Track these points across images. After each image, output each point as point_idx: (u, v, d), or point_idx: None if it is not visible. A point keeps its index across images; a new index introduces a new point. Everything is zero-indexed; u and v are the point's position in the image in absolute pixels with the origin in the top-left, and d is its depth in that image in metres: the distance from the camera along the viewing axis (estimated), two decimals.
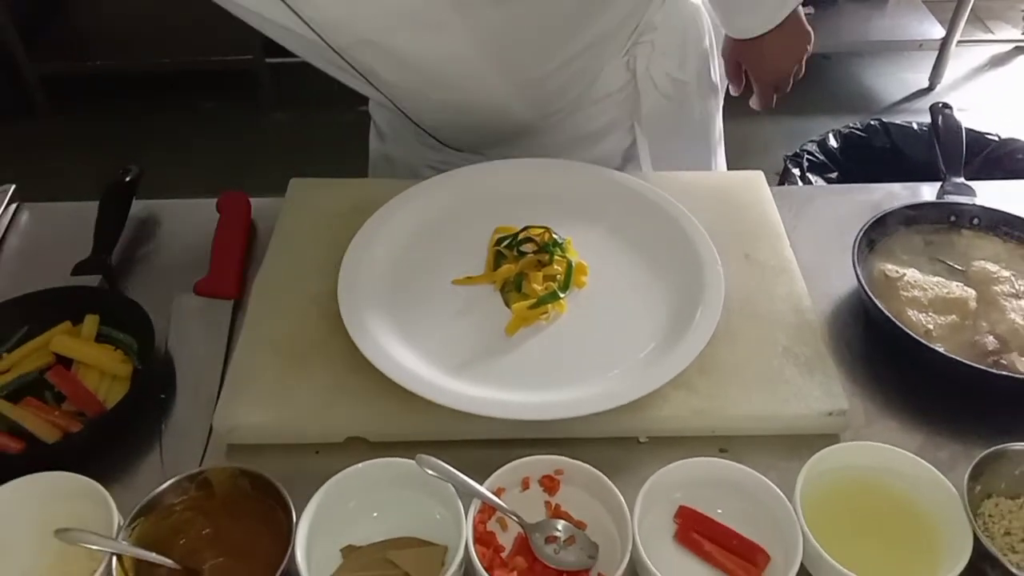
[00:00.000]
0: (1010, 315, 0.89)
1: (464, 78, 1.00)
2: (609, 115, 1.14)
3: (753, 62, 1.11)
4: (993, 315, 0.90)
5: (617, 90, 1.12)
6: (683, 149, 1.21)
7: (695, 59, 1.14)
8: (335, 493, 0.72)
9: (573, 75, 1.06)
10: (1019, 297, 0.91)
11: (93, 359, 0.86)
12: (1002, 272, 0.93)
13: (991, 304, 0.91)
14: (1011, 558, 0.72)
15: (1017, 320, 0.88)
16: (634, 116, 1.15)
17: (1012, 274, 0.93)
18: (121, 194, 1.05)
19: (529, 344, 0.87)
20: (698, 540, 0.72)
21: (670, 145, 1.18)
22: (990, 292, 0.92)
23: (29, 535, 0.72)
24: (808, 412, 0.81)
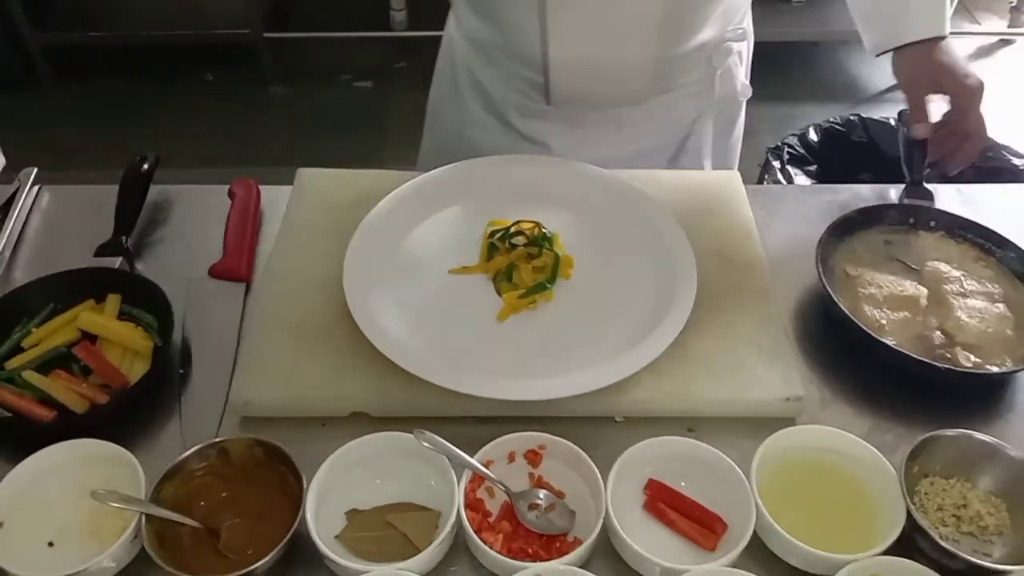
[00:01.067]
0: (957, 312, 0.97)
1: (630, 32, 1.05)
2: (682, 104, 1.21)
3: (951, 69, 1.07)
4: (942, 312, 0.98)
5: (693, 81, 1.18)
6: (718, 146, 1.29)
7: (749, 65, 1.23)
8: (341, 462, 0.81)
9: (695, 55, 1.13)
10: (967, 296, 0.99)
11: (117, 336, 0.93)
12: (953, 272, 1.01)
13: (941, 302, 0.99)
14: (941, 531, 0.81)
15: (963, 317, 0.96)
16: (702, 109, 1.22)
17: (962, 275, 1.01)
18: (139, 180, 1.11)
19: (518, 330, 0.95)
20: (664, 509, 0.81)
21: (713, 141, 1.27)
22: (941, 291, 1.00)
23: (66, 495, 0.80)
24: (767, 397, 0.89)
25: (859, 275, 0.99)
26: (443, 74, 1.31)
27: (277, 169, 1.17)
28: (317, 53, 3.39)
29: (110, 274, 1.00)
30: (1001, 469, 0.83)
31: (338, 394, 0.89)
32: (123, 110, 3.07)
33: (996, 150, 1.86)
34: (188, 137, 2.96)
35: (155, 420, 0.90)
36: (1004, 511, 0.83)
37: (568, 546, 0.78)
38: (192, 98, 3.17)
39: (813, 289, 1.04)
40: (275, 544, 0.74)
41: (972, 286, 1.01)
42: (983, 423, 0.90)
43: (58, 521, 0.80)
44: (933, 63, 1.07)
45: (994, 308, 0.98)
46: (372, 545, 0.78)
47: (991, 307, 0.98)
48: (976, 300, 0.99)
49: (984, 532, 0.82)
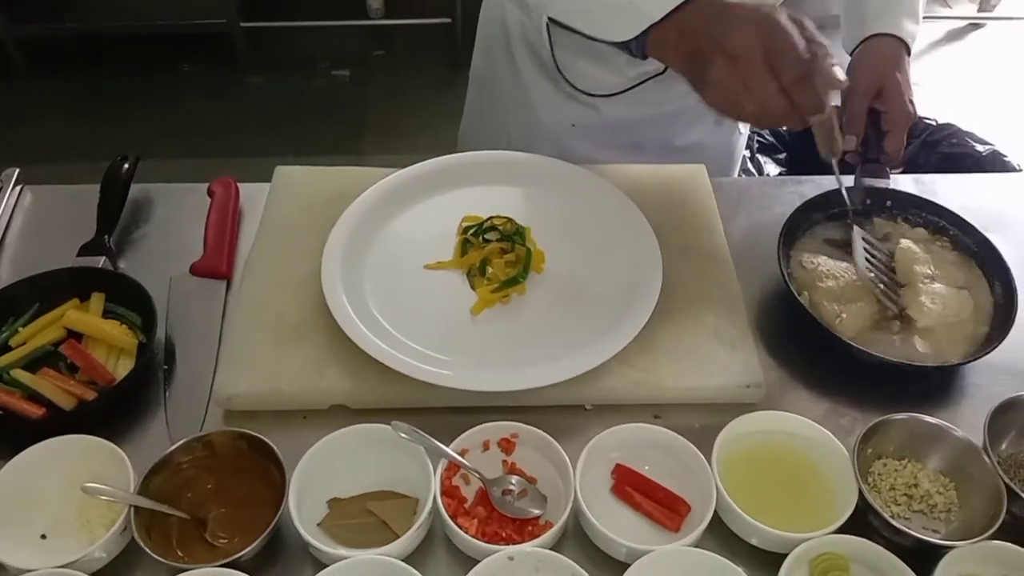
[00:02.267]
0: (921, 297, 0.99)
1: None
2: None
3: (898, 89, 1.09)
4: (907, 293, 1.01)
5: None
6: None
7: None
8: (322, 453, 0.84)
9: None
10: (933, 280, 1.02)
11: (102, 333, 0.96)
12: (922, 254, 1.03)
13: (910, 284, 1.01)
14: (892, 510, 0.86)
15: (926, 303, 0.98)
16: None
17: (929, 256, 1.04)
18: (120, 179, 1.13)
19: (492, 323, 0.98)
20: (630, 493, 0.85)
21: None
22: (912, 271, 1.01)
23: (57, 489, 0.83)
24: (729, 384, 0.93)
25: (815, 267, 1.03)
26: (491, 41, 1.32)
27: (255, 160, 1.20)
28: (294, 42, 3.38)
29: (94, 273, 1.02)
30: (949, 450, 0.88)
31: (318, 388, 0.92)
32: (99, 101, 3.06)
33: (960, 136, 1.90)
34: (165, 127, 2.96)
35: (141, 415, 0.93)
36: (952, 490, 0.87)
37: (540, 529, 0.82)
38: (169, 88, 3.16)
39: (775, 279, 1.06)
40: (260, 532, 0.78)
41: (936, 269, 1.03)
42: (934, 407, 0.95)
43: (50, 514, 0.83)
44: (889, 74, 1.11)
45: (955, 292, 1.01)
46: (353, 532, 0.81)
47: (952, 291, 1.01)
48: (938, 284, 1.01)
49: (934, 510, 0.86)
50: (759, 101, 0.84)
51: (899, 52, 1.13)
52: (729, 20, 0.85)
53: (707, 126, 1.33)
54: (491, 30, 1.32)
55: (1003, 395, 0.91)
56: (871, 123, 1.14)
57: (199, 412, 0.93)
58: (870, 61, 1.14)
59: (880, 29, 1.14)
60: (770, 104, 0.83)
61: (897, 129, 1.11)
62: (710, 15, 0.87)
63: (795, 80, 0.82)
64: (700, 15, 0.88)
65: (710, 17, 0.87)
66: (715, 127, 1.34)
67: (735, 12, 0.85)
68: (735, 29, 0.84)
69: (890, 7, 1.15)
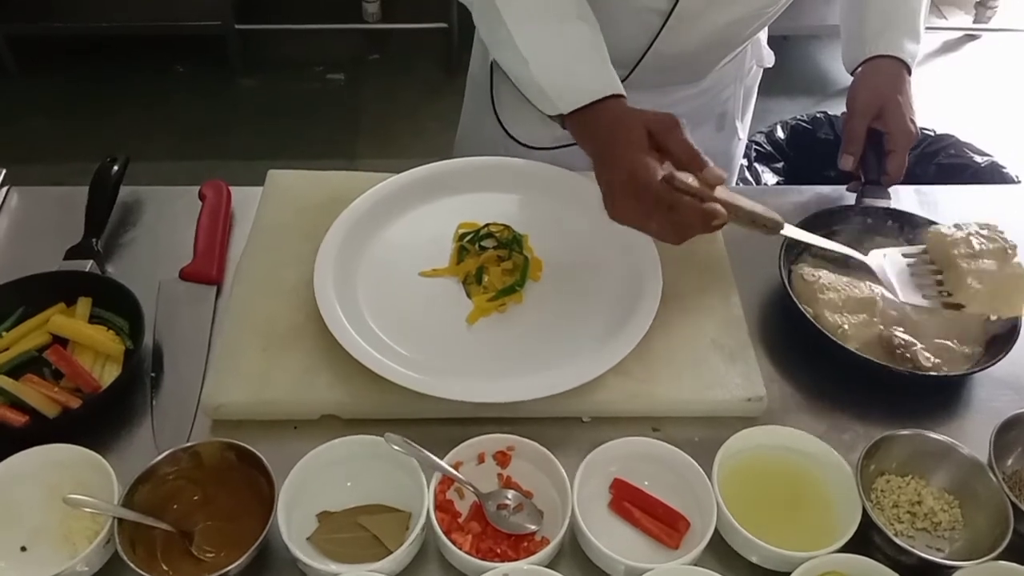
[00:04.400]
0: (968, 279, 0.95)
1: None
2: (725, 70, 1.25)
3: (899, 110, 1.09)
4: (951, 280, 0.97)
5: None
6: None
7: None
8: (312, 465, 0.82)
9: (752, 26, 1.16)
10: (976, 258, 0.97)
11: (88, 339, 0.93)
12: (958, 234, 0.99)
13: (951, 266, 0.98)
14: (896, 527, 0.84)
15: (973, 283, 0.94)
16: (737, 75, 1.29)
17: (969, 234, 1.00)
18: (109, 181, 1.11)
19: (488, 332, 0.97)
20: (629, 508, 0.83)
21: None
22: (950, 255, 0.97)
23: (38, 499, 0.81)
24: (730, 397, 0.92)
25: (816, 279, 1.01)
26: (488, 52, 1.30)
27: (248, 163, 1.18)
28: (289, 45, 3.36)
29: (81, 277, 1.00)
30: (954, 467, 0.86)
31: (309, 397, 0.90)
32: (91, 102, 3.04)
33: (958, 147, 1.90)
34: (158, 129, 2.93)
35: (127, 424, 0.91)
36: (957, 507, 0.86)
37: (536, 545, 0.80)
38: (162, 90, 3.13)
39: (775, 290, 1.06)
40: (248, 547, 0.75)
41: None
42: (938, 423, 0.93)
43: (30, 526, 0.80)
44: (889, 96, 1.11)
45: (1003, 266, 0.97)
46: (343, 547, 0.79)
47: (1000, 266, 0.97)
48: (985, 260, 0.97)
49: (938, 528, 0.85)
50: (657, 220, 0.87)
51: (899, 73, 1.13)
52: (607, 150, 0.91)
53: (707, 132, 1.32)
54: None
55: (1006, 411, 0.89)
56: (871, 144, 1.13)
57: (186, 421, 0.91)
58: (870, 83, 1.14)
59: (880, 51, 1.14)
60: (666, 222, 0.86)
61: (899, 149, 1.11)
62: (612, 127, 0.92)
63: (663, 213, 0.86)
64: (601, 124, 0.93)
65: (610, 130, 0.92)
66: (716, 133, 1.33)
67: (629, 131, 0.90)
68: (604, 166, 0.91)
69: (890, 26, 1.15)
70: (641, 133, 0.89)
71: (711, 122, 1.32)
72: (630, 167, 0.87)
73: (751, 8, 1.08)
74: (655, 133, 0.89)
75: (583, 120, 0.94)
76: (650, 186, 0.85)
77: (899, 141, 1.10)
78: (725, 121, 1.34)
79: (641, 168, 0.86)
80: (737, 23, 1.11)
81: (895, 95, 1.10)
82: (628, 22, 1.06)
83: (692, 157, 0.87)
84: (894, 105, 1.10)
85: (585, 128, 0.95)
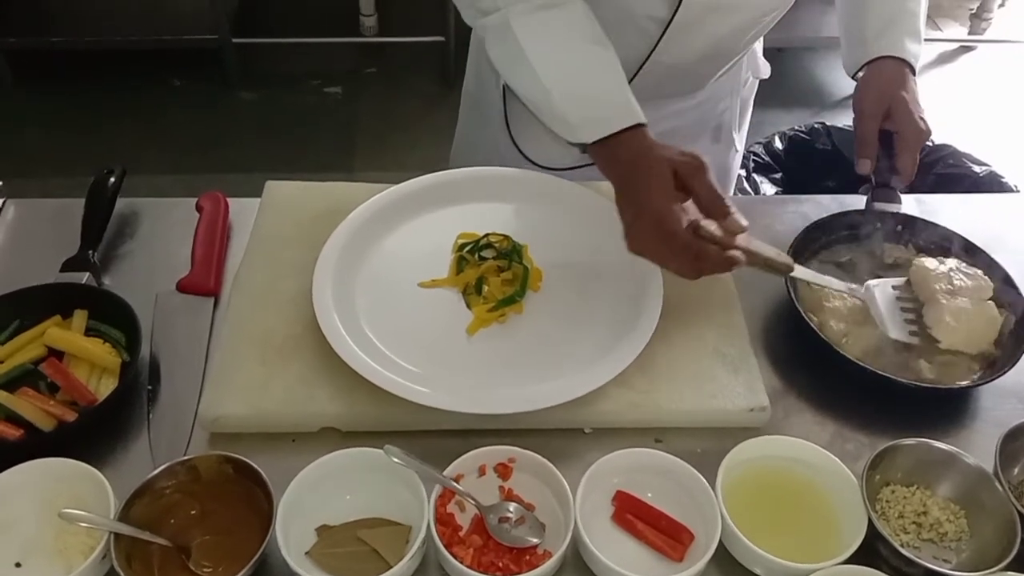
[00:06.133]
0: (945, 316, 0.96)
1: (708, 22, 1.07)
2: (721, 82, 1.25)
3: (906, 108, 1.09)
4: (929, 314, 0.98)
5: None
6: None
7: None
8: (311, 478, 0.81)
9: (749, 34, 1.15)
10: (955, 295, 0.98)
11: (84, 352, 0.92)
12: (940, 269, 1.00)
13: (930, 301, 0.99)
14: (902, 538, 0.83)
15: (948, 320, 0.96)
16: (732, 87, 1.29)
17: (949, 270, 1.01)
18: (106, 193, 1.10)
19: (488, 343, 0.96)
20: (632, 520, 0.82)
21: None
22: (930, 289, 0.99)
23: (32, 513, 0.80)
24: (732, 408, 0.91)
25: (822, 288, 1.01)
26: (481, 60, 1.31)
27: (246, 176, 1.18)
28: (286, 58, 3.37)
29: (77, 289, 0.99)
30: (960, 477, 0.86)
31: (307, 409, 0.89)
32: (89, 116, 3.03)
33: (957, 157, 1.91)
34: (155, 143, 2.93)
35: (123, 437, 0.90)
36: (963, 518, 0.85)
37: (538, 559, 0.78)
38: (160, 104, 3.13)
39: (777, 299, 1.05)
40: (246, 561, 0.74)
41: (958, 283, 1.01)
42: (943, 432, 0.92)
43: (25, 541, 0.79)
44: (895, 95, 1.10)
45: (981, 306, 0.99)
46: (342, 561, 0.78)
47: (977, 306, 0.98)
48: (962, 299, 0.98)
49: (944, 539, 0.84)
50: (677, 262, 0.89)
51: (903, 73, 1.12)
52: (631, 186, 0.92)
53: (705, 145, 1.31)
54: (481, 50, 1.30)
55: (1011, 420, 0.89)
56: (881, 146, 1.12)
57: (184, 434, 0.90)
58: (874, 84, 1.13)
59: (882, 52, 1.13)
60: (687, 264, 0.88)
61: (909, 148, 1.09)
62: (637, 162, 0.92)
63: (686, 261, 0.88)
64: (627, 155, 0.93)
65: (635, 164, 0.92)
66: (712, 146, 1.33)
67: (655, 168, 0.90)
68: (628, 203, 0.92)
69: (891, 27, 1.14)
70: (667, 174, 0.90)
71: (707, 134, 1.31)
72: (657, 214, 0.88)
73: (750, 16, 1.08)
74: (681, 175, 0.90)
75: (606, 150, 0.95)
76: (676, 234, 0.87)
77: (909, 139, 1.09)
78: (721, 133, 1.33)
79: (668, 216, 0.87)
80: (736, 32, 1.11)
81: (901, 94, 1.10)
82: (627, 31, 1.06)
83: (717, 202, 0.89)
84: (901, 104, 1.09)
85: (609, 158, 0.95)
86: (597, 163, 0.97)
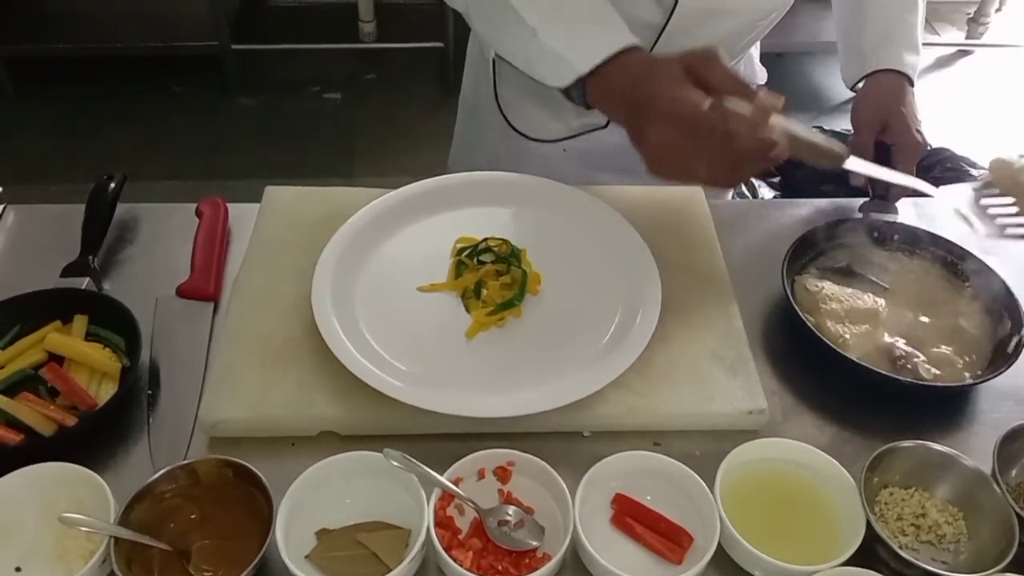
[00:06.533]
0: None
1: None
2: None
3: (903, 121, 1.10)
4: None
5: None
6: None
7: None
8: (310, 482, 0.81)
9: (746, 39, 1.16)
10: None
11: (84, 357, 0.93)
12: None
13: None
14: (900, 540, 0.83)
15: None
16: None
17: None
18: (106, 199, 1.11)
19: (487, 347, 0.96)
20: (631, 523, 0.82)
21: None
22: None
23: (33, 518, 0.80)
24: (731, 410, 0.91)
25: (819, 290, 1.01)
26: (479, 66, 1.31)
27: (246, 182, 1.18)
28: (286, 65, 3.38)
29: (77, 295, 0.99)
30: (958, 479, 0.86)
31: (307, 413, 0.89)
32: (89, 122, 3.04)
33: (955, 161, 1.91)
34: (156, 149, 2.94)
35: (124, 442, 0.90)
36: (961, 520, 0.85)
37: (538, 562, 0.79)
38: (160, 110, 3.14)
39: (775, 302, 1.05)
40: (245, 565, 0.74)
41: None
42: (941, 434, 0.93)
43: (25, 545, 0.79)
44: (893, 108, 1.11)
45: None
46: (342, 565, 0.78)
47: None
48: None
49: (942, 541, 0.84)
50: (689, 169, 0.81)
51: (901, 85, 1.13)
52: (639, 95, 0.83)
53: None
54: (479, 57, 1.31)
55: (1009, 422, 0.89)
56: (878, 158, 1.13)
57: (183, 439, 0.90)
58: (872, 97, 1.14)
59: (880, 65, 1.14)
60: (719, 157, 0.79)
61: (907, 161, 1.10)
62: (641, 72, 0.85)
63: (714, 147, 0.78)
64: (628, 72, 0.86)
65: (640, 74, 0.84)
66: None
67: (662, 66, 0.83)
68: (638, 116, 0.82)
69: (889, 40, 1.15)
70: (677, 69, 0.81)
71: None
72: (670, 102, 0.79)
73: (745, 21, 1.09)
74: (694, 68, 0.81)
75: (606, 79, 0.87)
76: (696, 117, 0.77)
77: (906, 152, 1.10)
78: None
79: (684, 100, 0.78)
80: (731, 37, 1.12)
81: (898, 107, 1.10)
82: None
83: (739, 86, 0.79)
84: (898, 117, 1.10)
85: (611, 86, 0.87)
86: (597, 102, 0.90)
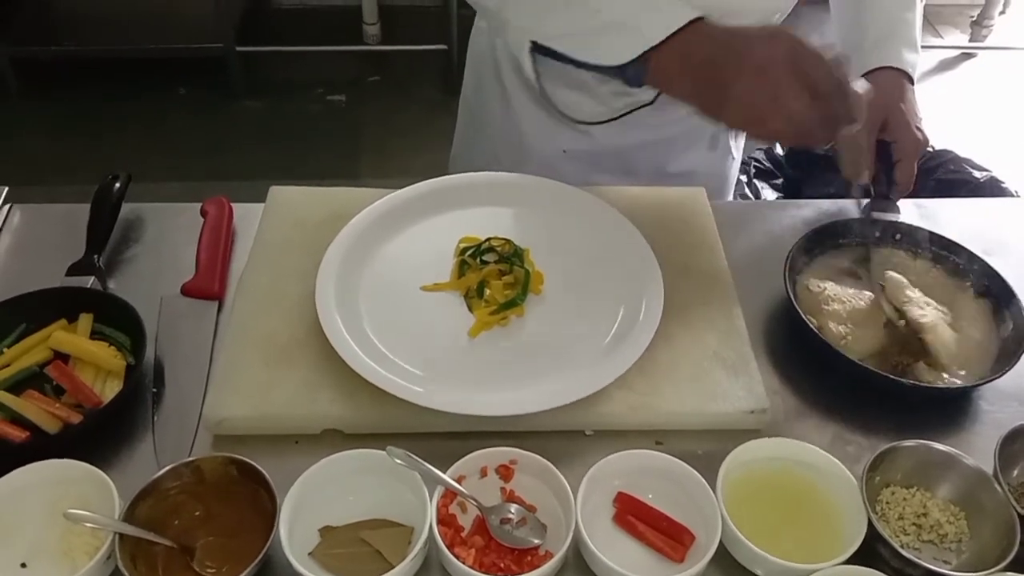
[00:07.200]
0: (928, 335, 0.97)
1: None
2: None
3: (903, 119, 1.10)
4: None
5: None
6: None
7: None
8: (314, 479, 0.81)
9: None
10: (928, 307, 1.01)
11: (89, 355, 0.93)
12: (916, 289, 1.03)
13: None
14: (901, 539, 0.84)
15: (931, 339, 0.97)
16: None
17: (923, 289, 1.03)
18: (111, 198, 1.11)
19: (490, 346, 0.96)
20: (633, 522, 0.82)
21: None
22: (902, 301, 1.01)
23: (39, 515, 0.80)
24: (732, 410, 0.91)
25: (822, 291, 1.01)
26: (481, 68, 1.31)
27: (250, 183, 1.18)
28: (290, 67, 3.39)
29: (82, 293, 1.00)
30: (959, 478, 0.86)
31: (310, 411, 0.90)
32: (94, 124, 3.05)
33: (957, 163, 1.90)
34: (160, 151, 2.95)
35: (128, 439, 0.90)
36: (963, 519, 0.85)
37: (540, 560, 0.79)
38: (164, 112, 3.15)
39: (778, 302, 1.05)
40: (249, 562, 0.75)
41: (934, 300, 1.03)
42: (943, 434, 0.93)
43: (31, 542, 0.80)
44: (893, 106, 1.11)
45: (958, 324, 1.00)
46: (345, 561, 0.78)
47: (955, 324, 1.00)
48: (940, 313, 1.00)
49: (944, 540, 0.84)
50: (787, 114, 0.83)
51: (901, 83, 1.13)
52: (746, 37, 0.86)
53: (700, 152, 1.31)
54: (480, 58, 1.31)
55: (1011, 422, 0.89)
56: (878, 156, 1.13)
57: (188, 436, 0.90)
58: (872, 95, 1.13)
59: (880, 63, 1.14)
60: (800, 116, 0.82)
61: (907, 157, 1.10)
62: (721, 36, 0.87)
63: (830, 90, 0.82)
64: (708, 37, 0.88)
65: (721, 38, 0.87)
66: (708, 153, 1.32)
67: (747, 31, 0.86)
68: (758, 43, 0.84)
69: (887, 38, 1.15)
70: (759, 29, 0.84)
71: (704, 141, 1.31)
72: (789, 44, 0.81)
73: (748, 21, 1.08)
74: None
75: (683, 46, 0.87)
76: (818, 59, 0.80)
77: (906, 149, 1.10)
78: (718, 141, 1.33)
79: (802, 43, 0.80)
80: None
81: (898, 104, 1.10)
82: None
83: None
84: (898, 114, 1.10)
85: (687, 52, 0.87)
86: (662, 75, 0.90)
